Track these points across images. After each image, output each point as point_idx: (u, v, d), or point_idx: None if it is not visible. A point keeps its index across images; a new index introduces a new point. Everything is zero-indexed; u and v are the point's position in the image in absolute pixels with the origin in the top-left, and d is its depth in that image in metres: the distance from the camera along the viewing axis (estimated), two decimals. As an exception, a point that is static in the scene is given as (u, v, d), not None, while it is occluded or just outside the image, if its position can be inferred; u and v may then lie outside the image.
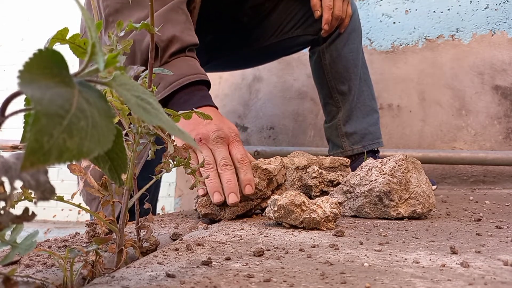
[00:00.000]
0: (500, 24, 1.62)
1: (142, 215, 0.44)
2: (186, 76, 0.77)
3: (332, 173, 0.83)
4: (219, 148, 0.69)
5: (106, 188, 0.39)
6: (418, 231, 0.54)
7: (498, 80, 1.60)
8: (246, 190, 0.67)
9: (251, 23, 1.23)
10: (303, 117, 1.77)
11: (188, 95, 0.77)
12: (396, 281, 0.30)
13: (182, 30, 0.81)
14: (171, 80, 0.77)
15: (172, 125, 0.25)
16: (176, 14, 0.82)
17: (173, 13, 0.81)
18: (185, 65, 0.79)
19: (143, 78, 0.40)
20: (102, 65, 0.22)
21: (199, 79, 0.79)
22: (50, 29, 2.30)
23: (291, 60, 1.80)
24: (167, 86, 0.77)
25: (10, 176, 0.20)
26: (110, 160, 0.29)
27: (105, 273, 0.35)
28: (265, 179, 0.71)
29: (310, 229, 0.55)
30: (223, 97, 1.90)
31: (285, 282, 0.30)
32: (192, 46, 0.83)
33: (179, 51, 0.80)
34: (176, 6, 0.83)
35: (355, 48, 1.19)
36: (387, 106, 1.69)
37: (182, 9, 0.84)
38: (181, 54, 0.80)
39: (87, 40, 0.27)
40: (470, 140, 1.60)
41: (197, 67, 0.81)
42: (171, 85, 0.77)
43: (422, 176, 0.70)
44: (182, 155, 0.42)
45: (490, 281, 0.30)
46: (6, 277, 0.24)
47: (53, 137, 0.18)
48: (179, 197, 1.91)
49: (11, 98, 0.22)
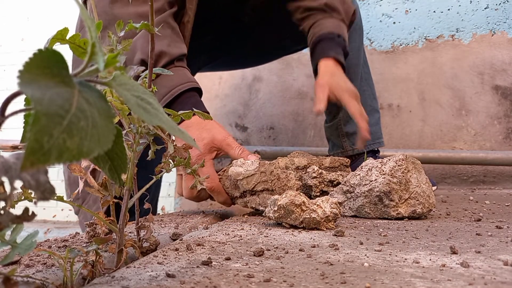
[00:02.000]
0: (500, 24, 1.62)
1: (143, 215, 0.44)
2: (177, 86, 0.80)
3: (332, 173, 0.83)
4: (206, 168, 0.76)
5: (106, 188, 0.39)
6: (418, 231, 0.54)
7: (498, 80, 1.60)
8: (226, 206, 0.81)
9: (251, 24, 1.23)
10: (303, 117, 1.77)
11: (180, 104, 0.80)
12: (396, 281, 0.30)
13: (169, 43, 0.83)
14: (164, 93, 0.80)
15: (172, 125, 0.25)
16: (161, 30, 0.83)
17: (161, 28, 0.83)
18: (175, 76, 0.81)
19: (143, 78, 0.40)
20: (102, 65, 0.22)
21: (190, 87, 0.81)
22: (50, 29, 2.30)
23: (291, 60, 1.80)
24: (160, 99, 0.80)
25: (10, 176, 0.20)
26: (110, 160, 0.29)
27: (105, 273, 0.35)
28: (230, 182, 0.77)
29: (310, 229, 0.55)
30: (223, 97, 1.90)
31: (285, 282, 0.30)
32: (181, 57, 0.85)
33: (168, 64, 0.82)
34: (162, 21, 0.85)
35: (356, 47, 1.19)
36: (387, 106, 1.69)
37: (168, 23, 0.86)
38: (170, 65, 0.83)
39: (87, 40, 0.27)
40: (470, 140, 1.60)
41: (187, 76, 0.84)
42: (164, 98, 0.80)
43: (422, 176, 0.70)
44: (182, 155, 0.42)
45: (490, 281, 0.30)
46: (6, 277, 0.24)
47: (53, 137, 0.18)
48: (179, 197, 1.91)
49: (11, 98, 0.22)
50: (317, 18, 1.05)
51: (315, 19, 1.06)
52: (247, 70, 1.83)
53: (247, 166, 0.76)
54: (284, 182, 0.75)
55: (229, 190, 0.78)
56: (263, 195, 0.76)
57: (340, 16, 1.05)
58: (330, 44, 1.02)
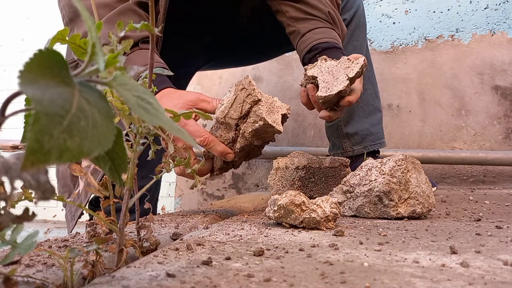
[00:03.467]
0: (500, 24, 1.62)
1: (143, 215, 0.44)
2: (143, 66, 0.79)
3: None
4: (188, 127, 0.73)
5: (106, 188, 0.39)
6: (417, 231, 0.54)
7: (498, 80, 1.60)
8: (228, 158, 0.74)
9: (250, 24, 1.23)
10: (303, 117, 1.77)
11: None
12: (396, 281, 0.30)
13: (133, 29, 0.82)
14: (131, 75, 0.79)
15: (172, 125, 0.25)
16: (125, 17, 0.82)
17: (122, 16, 0.82)
18: (140, 57, 0.80)
19: (143, 78, 0.40)
20: (102, 65, 0.22)
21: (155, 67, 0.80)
22: (50, 29, 2.29)
23: (291, 60, 1.80)
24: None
25: (11, 176, 0.20)
26: (110, 160, 0.29)
27: (106, 272, 0.35)
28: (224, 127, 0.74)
29: (310, 229, 0.55)
30: (223, 97, 1.90)
31: (285, 282, 0.30)
32: (146, 39, 0.83)
33: (133, 46, 0.80)
34: (126, 8, 0.84)
35: (359, 45, 1.18)
36: (387, 106, 1.69)
37: (133, 10, 0.85)
38: (135, 48, 0.81)
39: (87, 40, 0.27)
40: (469, 140, 1.60)
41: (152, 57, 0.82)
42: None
43: (422, 176, 0.70)
44: (182, 155, 0.42)
45: (490, 281, 0.30)
46: (7, 277, 0.24)
47: (54, 137, 0.18)
48: (179, 197, 1.91)
49: (11, 98, 0.22)
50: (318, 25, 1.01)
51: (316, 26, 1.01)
52: (247, 70, 1.83)
53: (225, 99, 0.74)
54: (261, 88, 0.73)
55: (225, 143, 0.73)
56: (254, 110, 0.71)
57: (338, 30, 1.02)
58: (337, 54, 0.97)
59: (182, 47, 1.19)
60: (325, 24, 1.01)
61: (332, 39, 0.98)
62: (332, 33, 0.99)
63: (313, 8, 1.01)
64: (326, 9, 1.00)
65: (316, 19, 1.01)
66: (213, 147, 0.73)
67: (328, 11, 1.00)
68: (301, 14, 1.03)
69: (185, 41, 1.20)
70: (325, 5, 1.01)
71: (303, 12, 1.03)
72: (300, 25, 1.04)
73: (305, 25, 1.03)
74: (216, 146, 0.73)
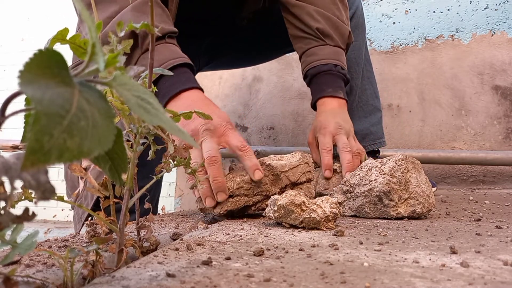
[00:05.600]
0: (500, 24, 1.62)
1: (143, 215, 0.44)
2: (169, 60, 0.76)
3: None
4: (205, 142, 0.68)
5: (106, 188, 0.39)
6: (417, 231, 0.54)
7: (498, 80, 1.60)
8: (256, 176, 0.67)
9: (251, 25, 1.23)
10: (303, 117, 1.77)
11: (173, 77, 0.75)
12: (396, 281, 0.30)
13: (159, 21, 0.80)
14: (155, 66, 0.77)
15: (172, 125, 0.25)
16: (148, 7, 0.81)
17: (146, 5, 0.80)
18: (166, 50, 0.78)
19: (143, 78, 0.40)
20: (102, 65, 0.22)
21: (182, 62, 0.77)
22: (50, 29, 2.30)
23: (291, 60, 1.80)
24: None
25: (11, 176, 0.20)
26: (110, 160, 0.29)
27: (106, 272, 0.35)
28: (268, 175, 0.69)
29: (310, 229, 0.55)
30: (223, 97, 1.90)
31: (285, 282, 0.30)
32: (171, 34, 0.81)
33: (159, 38, 0.79)
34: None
35: (358, 45, 1.18)
36: (387, 106, 1.69)
37: (157, 2, 0.83)
38: (161, 40, 0.79)
39: (87, 40, 0.27)
40: (469, 140, 1.60)
41: (178, 52, 0.80)
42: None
43: (422, 176, 0.70)
44: (182, 155, 0.42)
45: (490, 281, 0.30)
46: (7, 277, 0.24)
47: (54, 137, 0.18)
48: (179, 197, 1.91)
49: (11, 98, 0.22)
50: (310, 45, 1.01)
51: (308, 45, 1.01)
52: (247, 70, 1.83)
53: (288, 158, 0.73)
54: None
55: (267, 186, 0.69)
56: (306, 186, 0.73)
57: (333, 42, 1.00)
58: (326, 79, 0.98)
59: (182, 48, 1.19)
60: (318, 42, 1.01)
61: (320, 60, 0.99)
62: (323, 51, 1.00)
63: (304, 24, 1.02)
64: (314, 25, 1.00)
65: (309, 38, 1.02)
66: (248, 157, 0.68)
67: (317, 27, 1.00)
68: (297, 31, 1.04)
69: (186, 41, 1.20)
70: (315, 20, 1.01)
71: (298, 29, 1.04)
72: (296, 45, 1.06)
73: (300, 45, 1.04)
74: (252, 157, 0.68)
